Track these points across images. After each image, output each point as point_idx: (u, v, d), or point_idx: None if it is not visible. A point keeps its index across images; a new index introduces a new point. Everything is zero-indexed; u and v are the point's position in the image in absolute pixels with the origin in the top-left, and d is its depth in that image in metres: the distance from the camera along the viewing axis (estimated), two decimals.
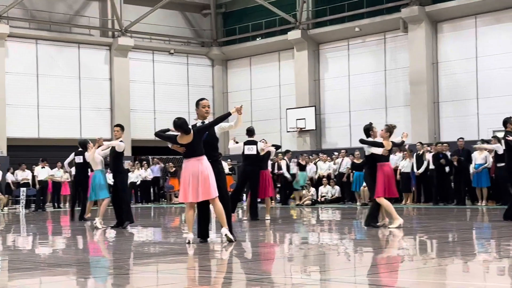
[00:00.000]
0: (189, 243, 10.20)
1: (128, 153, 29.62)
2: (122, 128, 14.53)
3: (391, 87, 28.90)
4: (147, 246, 11.23)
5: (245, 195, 20.97)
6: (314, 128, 30.70)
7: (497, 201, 20.15)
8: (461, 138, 21.84)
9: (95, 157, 14.78)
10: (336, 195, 24.69)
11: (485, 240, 10.90)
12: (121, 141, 14.32)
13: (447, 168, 21.28)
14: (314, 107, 30.70)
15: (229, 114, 10.53)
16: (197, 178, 10.07)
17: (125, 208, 14.45)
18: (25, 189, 25.15)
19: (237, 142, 16.46)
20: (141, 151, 31.26)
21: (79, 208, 17.91)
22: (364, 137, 12.97)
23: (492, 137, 21.23)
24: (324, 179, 24.97)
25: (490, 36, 26.20)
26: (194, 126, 10.46)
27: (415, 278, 7.18)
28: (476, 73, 26.50)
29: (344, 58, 30.41)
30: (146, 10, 31.94)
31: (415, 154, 22.50)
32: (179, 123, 10.17)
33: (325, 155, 26.13)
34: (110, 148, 14.52)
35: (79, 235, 13.63)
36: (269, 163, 24.11)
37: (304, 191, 24.50)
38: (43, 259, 9.66)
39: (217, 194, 10.19)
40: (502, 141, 15.14)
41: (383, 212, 12.88)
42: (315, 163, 25.86)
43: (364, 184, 22.54)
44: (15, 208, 25.46)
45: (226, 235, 10.28)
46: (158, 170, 29.25)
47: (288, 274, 7.62)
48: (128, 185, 21.74)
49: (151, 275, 7.81)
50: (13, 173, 26.28)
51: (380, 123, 16.33)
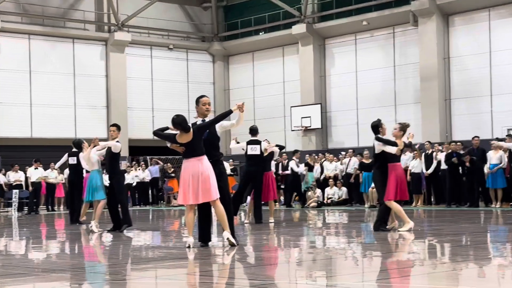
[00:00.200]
0: (189, 247, 10.19)
1: (125, 153, 29.64)
2: (118, 128, 14.54)
3: (401, 84, 28.88)
4: (145, 250, 11.23)
5: (248, 197, 20.96)
6: (320, 126, 30.69)
7: None
8: (476, 136, 21.68)
9: (91, 157, 14.79)
10: (343, 196, 24.68)
11: (500, 244, 10.87)
12: (117, 142, 14.34)
13: (461, 168, 21.23)
14: (320, 105, 30.69)
15: (230, 111, 10.51)
16: (197, 179, 10.06)
17: (123, 211, 14.46)
18: (17, 191, 25.17)
19: (238, 142, 16.46)
20: (139, 151, 31.28)
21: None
22: (372, 134, 12.91)
23: (507, 136, 21.22)
24: (331, 180, 24.96)
25: (504, 29, 26.16)
26: (194, 124, 10.45)
27: (427, 283, 7.17)
28: (489, 68, 26.47)
29: (351, 53, 30.39)
30: (143, 4, 31.97)
31: (424, 154, 22.47)
32: (178, 121, 10.16)
33: (331, 155, 26.12)
34: (105, 148, 14.54)
35: (74, 239, 13.63)
36: (273, 163, 24.27)
37: (309, 193, 24.49)
38: (37, 264, 9.66)
39: (218, 196, 10.18)
40: None
41: (393, 215, 12.85)
42: (321, 163, 25.86)
43: (373, 185, 22.53)
44: (7, 211, 25.48)
45: (228, 238, 10.27)
46: (157, 171, 29.25)
47: (293, 280, 7.61)
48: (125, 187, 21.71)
49: (150, 281, 7.81)
50: (5, 174, 26.29)
51: (389, 121, 16.33)
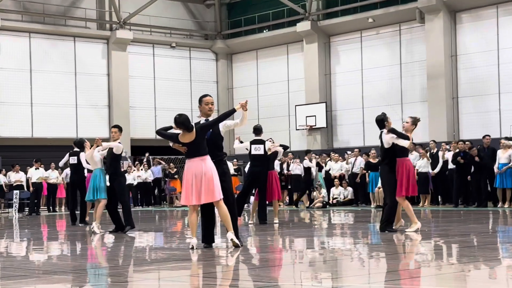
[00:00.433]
0: (192, 248, 10.19)
1: (127, 153, 29.65)
2: (120, 129, 14.58)
3: (407, 82, 28.86)
4: (148, 251, 11.23)
5: (252, 197, 20.96)
6: (325, 125, 30.67)
7: None
8: (487, 135, 21.69)
9: (94, 156, 14.80)
10: (349, 197, 24.67)
11: (509, 245, 10.85)
12: (119, 143, 14.38)
13: (468, 168, 21.20)
14: (325, 104, 30.67)
15: (233, 110, 10.50)
16: (200, 179, 10.06)
17: (125, 213, 14.47)
18: (18, 191, 25.18)
19: (242, 142, 16.45)
20: (141, 151, 31.30)
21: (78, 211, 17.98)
22: (377, 129, 12.83)
23: None
24: (336, 180, 24.95)
25: None
26: (197, 123, 10.44)
27: (434, 285, 7.15)
28: (497, 66, 26.43)
29: (356, 51, 30.37)
30: (145, 1, 31.98)
31: (429, 153, 22.45)
32: (181, 120, 10.15)
33: (336, 155, 26.10)
34: (107, 149, 14.56)
35: (76, 240, 13.64)
36: (277, 163, 24.27)
37: (315, 193, 24.49)
38: (38, 266, 9.67)
39: (221, 196, 10.18)
40: None
41: (399, 213, 12.77)
42: (325, 163, 25.86)
43: (379, 185, 22.51)
44: (8, 212, 25.51)
45: (232, 239, 10.27)
46: (159, 171, 29.27)
47: (298, 281, 7.60)
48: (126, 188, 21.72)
49: (152, 283, 7.81)
50: (5, 175, 26.32)
51: (395, 120, 16.32)
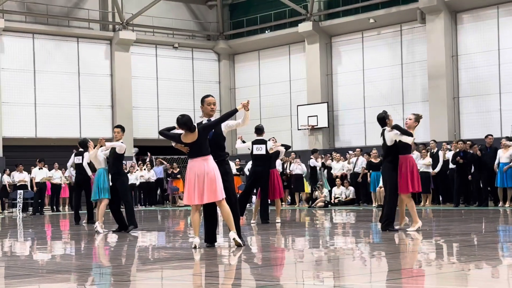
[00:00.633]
0: (195, 247, 10.20)
1: (130, 153, 29.67)
2: (122, 129, 14.59)
3: (408, 82, 28.85)
4: (151, 251, 11.24)
5: (254, 197, 20.98)
6: (327, 125, 30.67)
7: None
8: (490, 135, 21.72)
9: (98, 155, 14.83)
10: (351, 196, 24.66)
11: (510, 244, 10.85)
12: (121, 143, 14.40)
13: (468, 167, 21.22)
14: (326, 104, 30.67)
15: (235, 110, 10.50)
16: (203, 179, 10.06)
17: (128, 213, 14.49)
18: (22, 191, 25.20)
19: (244, 141, 16.46)
20: (144, 151, 31.33)
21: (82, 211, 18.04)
22: (379, 127, 12.81)
23: None
24: (338, 179, 24.95)
25: None
26: (199, 124, 10.45)
27: (435, 284, 7.16)
28: (498, 66, 26.41)
29: (358, 51, 30.36)
30: (148, 2, 31.99)
31: (429, 153, 22.46)
32: (183, 120, 10.15)
33: (338, 154, 26.10)
34: (110, 149, 14.59)
35: (79, 239, 13.65)
36: (279, 162, 24.27)
37: (316, 193, 24.50)
38: (42, 265, 9.68)
39: (224, 196, 10.19)
40: None
41: (403, 212, 12.69)
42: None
43: (380, 184, 22.50)
44: (12, 212, 25.53)
45: (234, 239, 10.27)
46: (161, 172, 29.29)
47: (300, 280, 7.60)
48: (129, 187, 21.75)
49: (156, 282, 7.82)
50: (9, 174, 26.34)
51: (396, 120, 16.25)
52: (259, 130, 16.21)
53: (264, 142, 16.04)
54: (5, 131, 29.16)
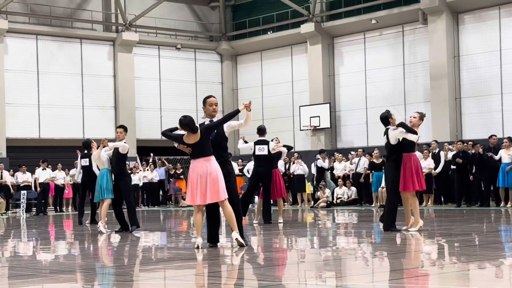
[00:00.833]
0: (198, 248, 10.20)
1: (133, 153, 29.68)
2: (125, 129, 14.60)
3: (410, 82, 28.83)
4: (153, 251, 11.24)
5: (256, 197, 20.98)
6: (329, 126, 30.66)
7: None
8: (494, 135, 21.73)
9: (101, 156, 14.84)
10: (353, 196, 24.65)
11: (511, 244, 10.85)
12: (124, 143, 14.42)
13: (470, 168, 21.21)
14: (328, 104, 30.66)
15: (237, 111, 10.50)
16: (205, 179, 10.07)
17: (130, 213, 14.49)
18: (25, 192, 25.21)
19: (246, 142, 16.45)
20: (147, 152, 31.35)
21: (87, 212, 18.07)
22: (381, 127, 12.79)
23: None
24: (340, 180, 24.93)
25: None
26: (201, 125, 10.45)
27: (437, 284, 7.15)
28: (500, 67, 26.39)
29: (360, 52, 30.36)
30: (151, 3, 32.01)
31: (431, 153, 22.46)
32: (186, 122, 10.16)
33: (340, 155, 26.09)
34: (113, 149, 14.59)
35: (83, 240, 13.66)
36: (282, 163, 24.26)
37: (319, 193, 24.49)
38: (45, 265, 9.69)
39: (226, 196, 10.19)
40: None
41: (408, 211, 12.58)
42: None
43: (382, 185, 22.48)
44: (15, 212, 25.55)
45: (236, 239, 10.27)
46: (163, 173, 29.31)
47: (302, 280, 7.60)
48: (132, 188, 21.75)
49: (158, 282, 7.82)
50: (13, 175, 26.35)
51: (398, 121, 16.23)
52: (261, 130, 16.20)
53: (266, 142, 16.03)
54: (9, 131, 29.19)
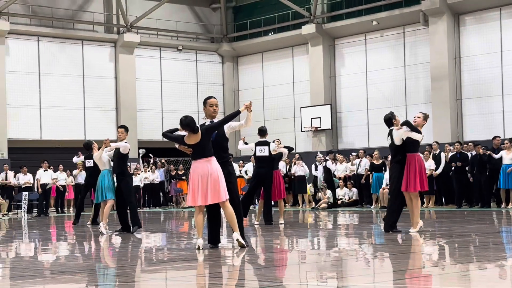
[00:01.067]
0: (199, 248, 10.19)
1: (135, 154, 29.68)
2: (126, 129, 14.65)
3: (411, 84, 28.82)
4: (154, 252, 11.24)
5: (256, 199, 20.97)
6: (330, 127, 30.65)
7: None
8: (497, 136, 21.74)
9: (102, 157, 14.87)
10: (354, 197, 24.64)
11: None
12: (125, 143, 14.45)
13: (469, 170, 21.23)
14: (329, 105, 30.65)
15: (238, 112, 10.50)
16: (206, 180, 10.06)
17: (132, 213, 14.50)
18: (27, 193, 25.21)
19: (246, 143, 16.45)
20: (148, 153, 31.32)
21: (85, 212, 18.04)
22: (383, 133, 12.79)
23: None
24: (341, 181, 24.92)
25: None
26: (202, 125, 10.45)
27: (438, 285, 7.14)
28: (501, 68, 26.38)
29: (361, 53, 30.35)
30: (152, 5, 32.02)
31: (432, 154, 22.45)
32: (186, 122, 10.16)
33: (341, 156, 26.07)
34: (114, 149, 14.62)
35: (84, 241, 13.66)
36: (283, 164, 24.25)
37: (320, 194, 24.48)
38: (46, 266, 9.69)
39: (227, 197, 10.18)
40: None
41: (414, 214, 12.51)
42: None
43: (383, 186, 22.49)
44: (17, 213, 25.55)
45: (237, 240, 10.27)
46: (163, 174, 29.32)
47: (303, 281, 7.59)
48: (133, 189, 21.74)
49: (159, 283, 7.82)
50: (14, 176, 26.35)
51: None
52: (262, 131, 16.21)
53: (267, 143, 16.03)
54: (10, 133, 29.19)
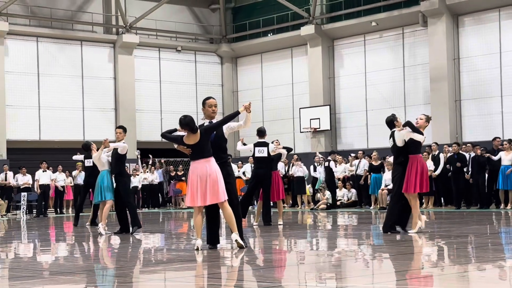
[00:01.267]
0: (197, 249, 10.19)
1: (134, 155, 29.66)
2: (124, 129, 14.66)
3: (410, 85, 28.83)
4: (153, 252, 11.23)
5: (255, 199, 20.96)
6: (329, 128, 30.66)
7: None
8: (497, 137, 21.76)
9: (101, 157, 14.87)
10: (353, 198, 24.64)
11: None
12: (123, 143, 14.45)
13: (467, 171, 21.26)
14: (328, 106, 30.66)
15: (237, 113, 10.49)
16: (205, 180, 10.06)
17: (131, 213, 14.50)
18: (26, 194, 25.20)
19: (245, 144, 16.44)
20: (147, 154, 31.30)
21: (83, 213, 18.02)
22: (388, 131, 12.76)
23: None
24: (340, 182, 24.91)
25: None
26: (201, 126, 10.45)
27: (438, 285, 7.14)
28: (500, 69, 26.39)
29: (360, 54, 30.36)
30: (151, 6, 32.02)
31: (431, 155, 22.47)
32: (186, 121, 10.15)
33: (340, 157, 26.07)
34: (112, 150, 14.62)
35: (83, 241, 13.65)
36: (282, 165, 24.25)
37: (318, 195, 24.47)
38: (45, 267, 9.68)
39: (226, 198, 10.18)
40: None
41: (413, 215, 12.50)
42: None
43: (383, 186, 22.49)
44: (16, 214, 25.54)
45: (236, 240, 10.26)
46: (161, 175, 29.32)
47: (302, 282, 7.59)
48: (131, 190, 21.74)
49: (158, 283, 7.81)
50: (13, 177, 26.33)
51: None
52: (261, 132, 16.20)
53: (266, 144, 16.03)
54: (9, 133, 29.18)
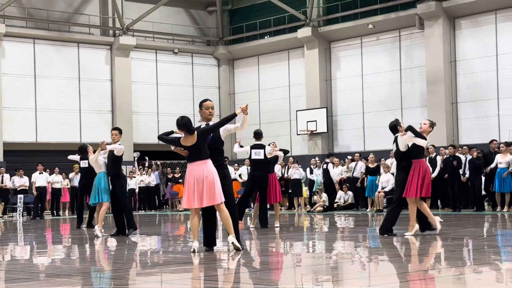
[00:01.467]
0: (194, 251, 10.18)
1: (130, 157, 29.68)
2: (120, 131, 14.67)
3: (407, 87, 28.85)
4: (150, 255, 11.22)
5: (252, 202, 20.96)
6: (326, 130, 30.67)
7: None
8: (494, 140, 21.80)
9: (98, 159, 14.87)
10: (349, 201, 24.64)
11: (510, 248, 10.84)
12: (119, 145, 14.46)
13: (466, 173, 21.26)
14: (325, 109, 30.67)
15: (234, 115, 10.49)
16: (202, 182, 10.05)
17: (127, 215, 14.47)
18: (22, 196, 25.16)
19: (242, 146, 16.44)
20: (143, 156, 31.30)
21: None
22: (391, 135, 12.78)
23: None
24: (336, 184, 24.91)
25: (511, 32, 26.11)
26: (198, 128, 10.45)
27: None
28: (496, 72, 26.42)
29: (357, 56, 30.38)
30: (148, 8, 32.02)
31: (428, 158, 22.46)
32: (183, 122, 10.15)
33: (337, 159, 26.06)
34: (108, 152, 14.62)
35: (79, 244, 13.64)
36: (279, 167, 24.26)
37: (315, 197, 24.47)
38: (42, 269, 9.66)
39: (223, 200, 10.17)
40: None
41: (410, 218, 12.51)
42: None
43: (379, 189, 22.51)
44: (12, 216, 25.51)
45: (233, 243, 10.26)
46: (157, 177, 29.30)
47: (298, 284, 7.59)
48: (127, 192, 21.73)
49: (154, 286, 7.81)
50: (10, 179, 26.28)
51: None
52: (257, 134, 16.20)
53: (262, 146, 16.03)
54: (6, 135, 29.15)
